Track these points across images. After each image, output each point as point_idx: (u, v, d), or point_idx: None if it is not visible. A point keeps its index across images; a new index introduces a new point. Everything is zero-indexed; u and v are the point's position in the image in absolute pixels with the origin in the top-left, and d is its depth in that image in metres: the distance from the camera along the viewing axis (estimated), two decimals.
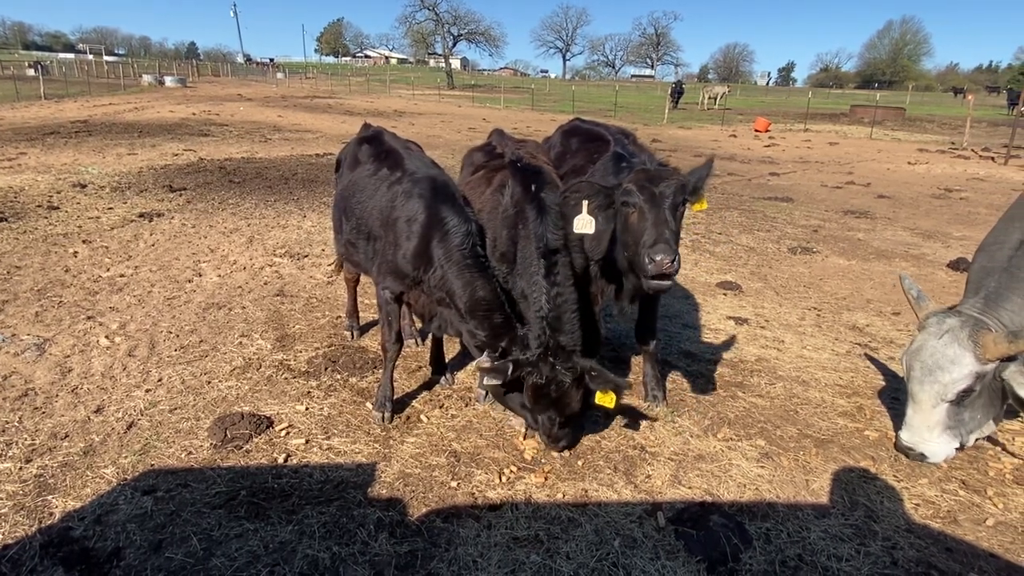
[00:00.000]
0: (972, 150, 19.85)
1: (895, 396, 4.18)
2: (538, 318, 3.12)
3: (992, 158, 17.98)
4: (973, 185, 13.50)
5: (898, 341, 5.14)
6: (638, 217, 3.03)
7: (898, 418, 3.89)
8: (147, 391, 3.89)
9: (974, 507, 3.08)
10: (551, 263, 3.16)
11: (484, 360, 3.11)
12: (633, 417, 3.79)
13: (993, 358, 2.88)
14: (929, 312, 3.19)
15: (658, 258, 2.82)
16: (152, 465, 3.17)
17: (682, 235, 8.02)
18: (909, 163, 16.91)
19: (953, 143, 21.98)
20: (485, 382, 3.04)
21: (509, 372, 3.01)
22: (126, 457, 3.22)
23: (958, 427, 3.06)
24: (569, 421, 3.20)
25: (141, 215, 8.04)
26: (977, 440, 3.21)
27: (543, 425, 3.19)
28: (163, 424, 3.54)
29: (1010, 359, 2.90)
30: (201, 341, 4.63)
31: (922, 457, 3.14)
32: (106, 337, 4.57)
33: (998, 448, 3.58)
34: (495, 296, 3.20)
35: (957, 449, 3.14)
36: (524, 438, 3.50)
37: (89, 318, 4.90)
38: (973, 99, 29.51)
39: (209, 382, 4.04)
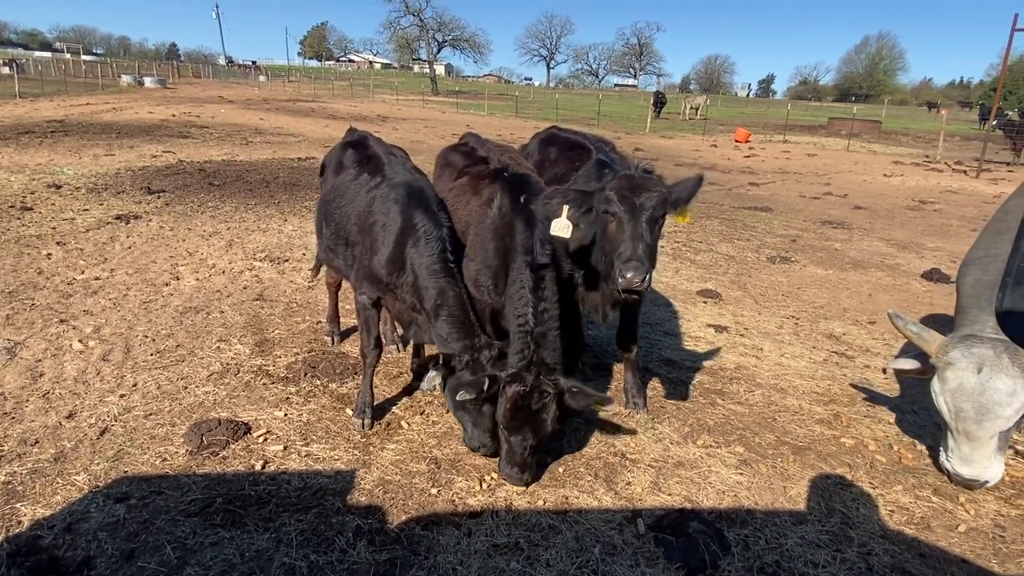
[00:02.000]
0: (945, 163, 20.33)
1: (871, 405, 4.25)
2: (523, 332, 3.07)
3: (964, 171, 18.42)
4: (946, 197, 13.81)
5: (874, 349, 5.22)
6: (616, 227, 3.03)
7: (874, 426, 3.97)
8: (121, 396, 3.82)
9: (947, 513, 3.14)
10: (539, 277, 3.13)
11: (434, 375, 3.10)
12: (614, 424, 3.80)
13: None
14: (944, 344, 3.09)
15: (628, 275, 2.84)
16: (125, 472, 3.10)
17: (663, 243, 8.11)
18: (885, 175, 17.25)
19: (927, 156, 22.47)
20: (458, 397, 3.02)
21: (485, 386, 2.96)
22: (98, 464, 3.15)
23: (1003, 446, 3.06)
24: (539, 445, 3.14)
25: (118, 217, 7.91)
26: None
27: (512, 450, 3.08)
28: (137, 430, 3.47)
29: None
30: (178, 345, 4.55)
31: (986, 484, 3.11)
32: (79, 341, 4.48)
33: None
34: (460, 302, 3.20)
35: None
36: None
37: (62, 321, 4.80)
38: (946, 114, 30.21)
39: (185, 387, 3.98)
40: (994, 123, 21.72)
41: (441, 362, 3.14)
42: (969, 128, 40.03)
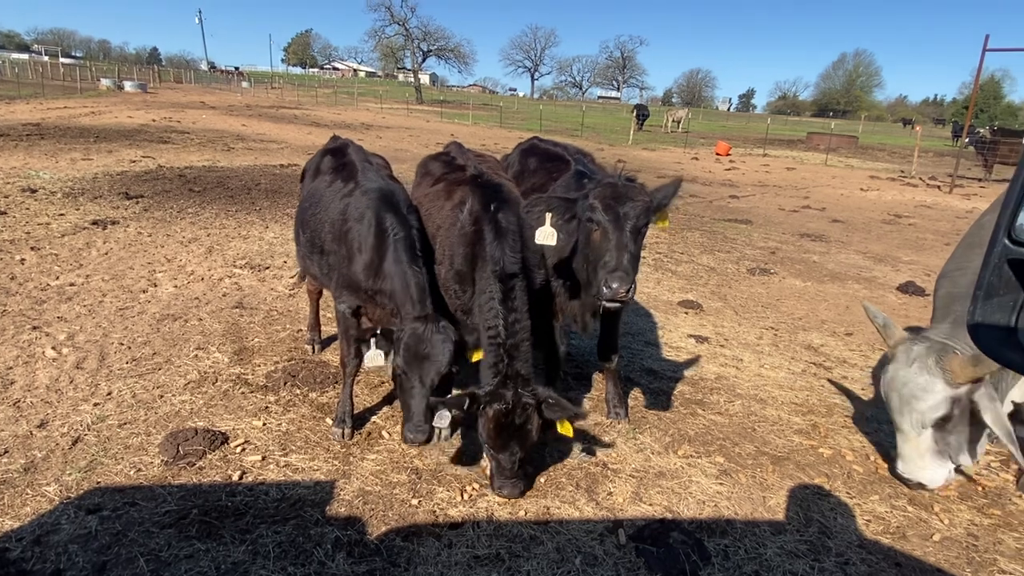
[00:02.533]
0: (920, 178, 20.77)
1: (848, 415, 4.31)
2: (495, 344, 3.07)
3: (938, 186, 18.84)
4: (921, 212, 14.10)
5: (851, 361, 5.30)
6: (600, 236, 3.02)
7: (851, 436, 4.02)
8: (95, 405, 3.74)
9: (922, 523, 3.18)
10: (508, 288, 3.11)
11: (375, 354, 3.09)
12: (595, 434, 3.81)
13: (963, 381, 2.93)
14: (898, 340, 3.25)
15: (614, 285, 2.84)
16: (98, 483, 3.04)
17: (645, 254, 8.17)
18: (861, 189, 17.58)
19: (902, 171, 22.95)
20: (436, 422, 3.01)
21: (465, 404, 2.97)
22: (70, 474, 3.08)
23: (946, 451, 3.11)
24: (527, 457, 3.14)
25: (94, 222, 7.78)
26: (975, 460, 3.23)
27: (501, 466, 3.07)
28: (111, 439, 3.40)
29: (979, 381, 2.95)
30: (154, 353, 4.48)
31: (921, 485, 3.21)
32: (52, 348, 4.39)
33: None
34: (423, 295, 3.21)
35: (954, 471, 3.20)
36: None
37: (35, 328, 4.69)
38: (921, 130, 30.91)
39: (162, 396, 3.91)
40: (967, 140, 22.27)
41: (380, 333, 3.12)
42: (942, 144, 40.98)
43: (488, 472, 3.26)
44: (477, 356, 3.18)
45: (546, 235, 3.16)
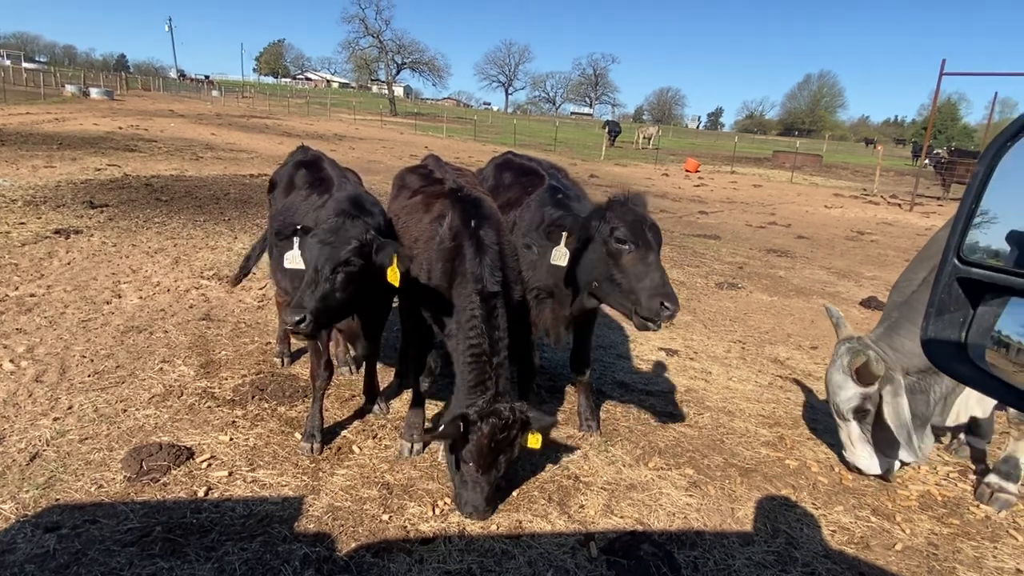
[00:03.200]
0: (882, 197, 21.45)
1: (813, 427, 4.40)
2: (480, 363, 3.04)
3: (899, 204, 19.48)
4: (882, 229, 14.55)
5: (816, 374, 5.42)
6: (635, 259, 3.10)
7: (816, 448, 4.12)
8: (55, 419, 3.63)
9: (884, 532, 3.26)
10: (491, 306, 3.09)
11: (294, 255, 3.09)
12: (568, 447, 3.82)
13: (866, 381, 3.25)
14: (840, 339, 3.58)
15: (670, 305, 2.95)
16: (57, 500, 2.94)
17: None
18: (826, 206, 18.07)
19: (865, 189, 23.68)
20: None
21: (461, 430, 2.93)
22: (27, 491, 2.97)
23: (880, 444, 3.40)
24: (504, 475, 3.13)
25: (57, 231, 7.57)
26: (925, 456, 3.48)
27: (479, 485, 3.02)
28: (71, 455, 3.30)
29: (889, 380, 3.25)
30: (118, 366, 4.37)
31: (859, 471, 3.55)
32: (11, 361, 4.25)
33: (905, 475, 3.82)
34: None
35: (900, 464, 3.51)
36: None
37: None
38: (882, 150, 31.97)
39: (125, 410, 3.81)
40: (927, 161, 23.10)
41: (301, 230, 3.11)
42: (903, 164, 42.36)
43: (455, 493, 3.20)
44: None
45: (561, 255, 3.23)
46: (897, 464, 3.53)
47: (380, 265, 3.01)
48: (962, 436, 4.19)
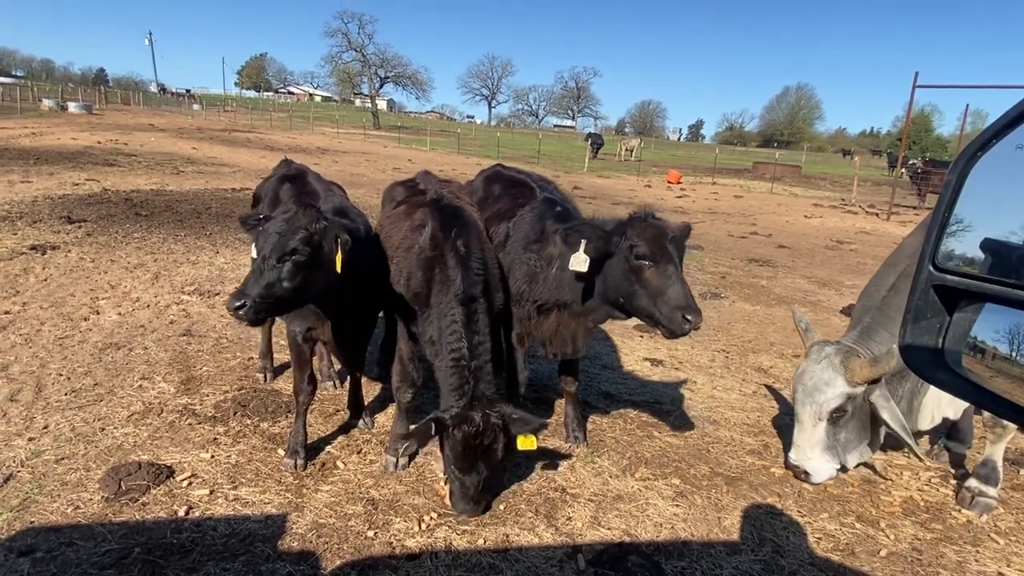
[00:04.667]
0: (860, 206, 21.82)
1: None
2: (459, 367, 3.09)
3: (877, 214, 19.82)
4: (861, 238, 14.78)
5: None
6: (657, 273, 3.15)
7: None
8: (30, 439, 3.54)
9: (869, 539, 3.28)
10: (471, 311, 3.15)
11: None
12: (554, 458, 3.81)
13: (860, 381, 3.25)
14: (813, 342, 3.59)
15: (692, 319, 3.03)
16: (32, 522, 2.87)
17: None
18: (805, 216, 18.33)
19: (843, 199, 24.06)
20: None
21: (432, 431, 2.98)
22: (1, 514, 2.89)
23: (836, 447, 3.40)
24: (491, 476, 3.16)
25: (33, 247, 7.44)
26: (857, 464, 3.56)
27: (465, 487, 3.09)
28: (47, 476, 3.22)
29: (875, 382, 3.27)
30: (96, 384, 4.28)
31: (807, 475, 3.48)
32: None
33: (888, 481, 3.85)
34: None
35: (839, 470, 3.48)
36: (446, 483, 3.43)
37: None
38: (860, 160, 32.55)
39: (103, 429, 3.73)
40: (903, 170, 23.56)
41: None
42: (879, 174, 43.11)
43: (447, 492, 3.26)
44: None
45: (580, 261, 3.24)
46: (835, 471, 3.49)
47: (329, 253, 2.97)
48: (942, 441, 4.24)
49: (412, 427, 3.04)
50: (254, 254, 2.97)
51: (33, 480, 3.18)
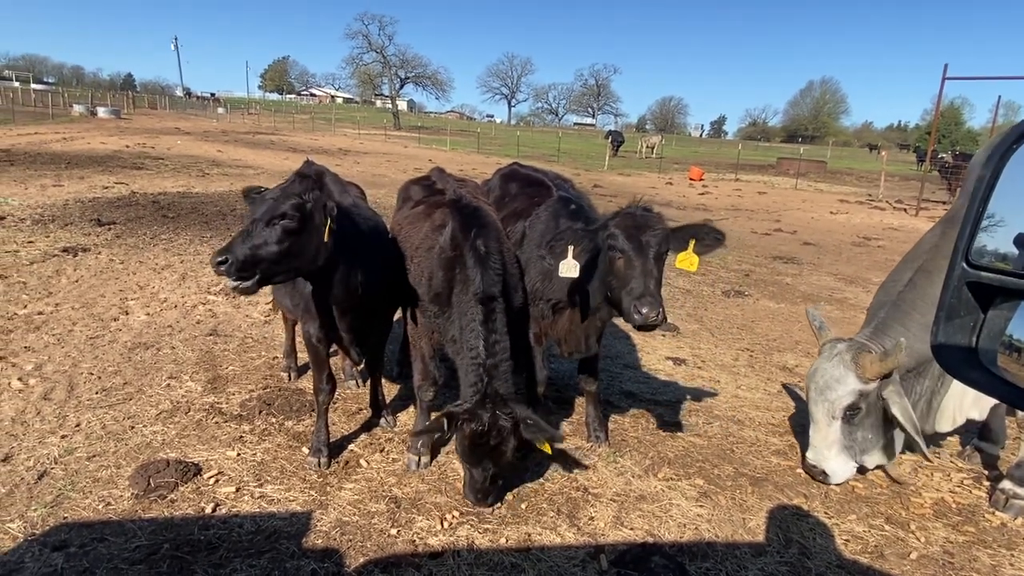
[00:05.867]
0: (887, 202, 21.38)
1: None
2: (475, 365, 3.12)
3: (905, 209, 19.40)
4: (888, 234, 14.49)
5: None
6: (624, 264, 3.11)
7: None
8: (63, 437, 3.63)
9: (899, 541, 3.21)
10: (489, 309, 3.16)
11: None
12: (576, 458, 3.80)
13: (871, 376, 3.19)
14: (826, 340, 3.54)
15: (644, 311, 2.94)
16: (65, 518, 2.94)
17: None
18: (831, 213, 18.02)
19: (870, 195, 23.60)
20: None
21: (445, 427, 3.01)
22: (35, 510, 2.97)
23: (853, 447, 3.36)
24: (501, 473, 3.18)
25: (64, 249, 7.63)
26: (878, 465, 3.50)
27: (473, 478, 3.16)
28: (79, 473, 3.30)
29: (887, 377, 3.21)
30: (125, 383, 4.38)
31: (824, 476, 3.43)
32: (19, 379, 4.27)
33: (918, 483, 3.77)
34: None
35: (858, 470, 3.44)
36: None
37: (1, 358, 4.56)
38: (887, 155, 31.90)
39: (132, 427, 3.81)
40: (932, 165, 23.05)
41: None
42: (908, 169, 42.25)
43: (463, 481, 3.34)
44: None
45: (569, 267, 3.24)
46: (852, 471, 3.44)
47: (319, 224, 2.98)
48: (974, 442, 4.14)
49: (428, 424, 3.07)
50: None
51: (66, 477, 3.26)
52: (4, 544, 2.74)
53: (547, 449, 3.17)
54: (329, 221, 2.99)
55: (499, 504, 3.30)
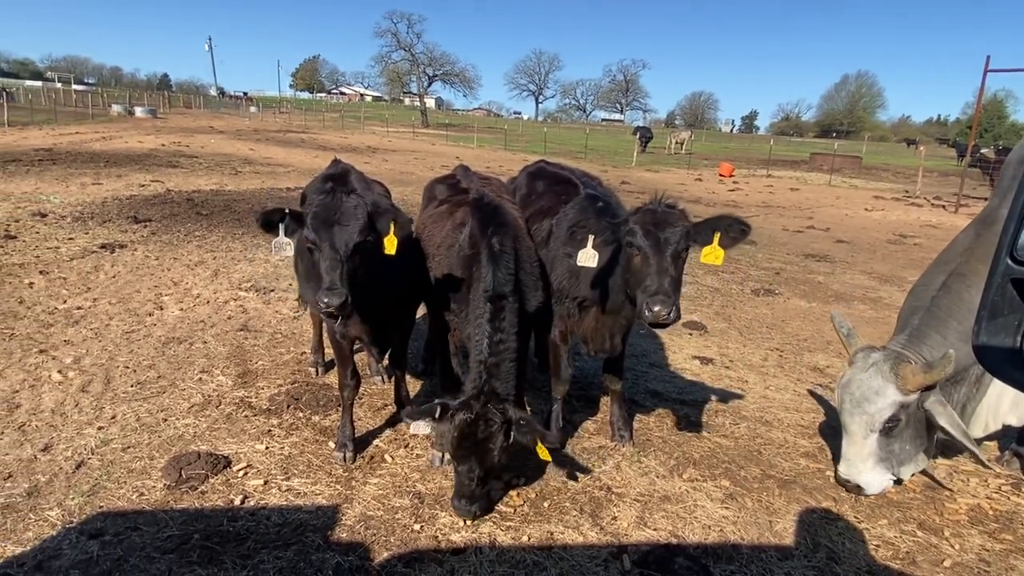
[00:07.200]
0: (925, 198, 20.76)
1: None
2: (477, 362, 3.13)
3: (943, 206, 18.82)
4: (926, 232, 14.08)
5: None
6: (641, 260, 3.05)
7: None
8: (99, 428, 3.75)
9: (932, 548, 3.13)
10: (497, 308, 3.15)
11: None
12: (600, 457, 3.78)
13: (913, 388, 3.06)
14: (858, 348, 3.39)
15: (656, 308, 2.87)
16: (101, 507, 3.03)
17: None
18: (866, 209, 17.58)
19: (907, 191, 22.97)
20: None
21: (436, 414, 3.02)
22: (73, 498, 3.08)
23: (890, 459, 3.24)
24: (488, 478, 3.13)
25: (103, 246, 7.86)
26: (912, 474, 3.38)
27: (460, 480, 3.07)
28: (115, 463, 3.40)
29: (929, 389, 3.08)
30: (159, 376, 4.49)
31: (859, 489, 3.32)
32: (59, 372, 4.41)
33: (955, 488, 3.66)
34: None
35: (894, 482, 3.32)
36: None
37: (42, 351, 4.73)
38: (925, 150, 31.00)
39: (165, 419, 3.91)
40: (972, 160, 22.31)
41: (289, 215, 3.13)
42: (947, 164, 40.96)
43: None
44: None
45: (588, 257, 3.21)
46: (889, 483, 3.34)
47: (379, 233, 3.07)
48: (1013, 446, 4.01)
49: (422, 407, 3.07)
50: (288, 252, 3.09)
51: (102, 467, 3.36)
52: (44, 531, 2.84)
53: (545, 455, 3.12)
54: (394, 230, 3.13)
55: (519, 506, 3.30)
